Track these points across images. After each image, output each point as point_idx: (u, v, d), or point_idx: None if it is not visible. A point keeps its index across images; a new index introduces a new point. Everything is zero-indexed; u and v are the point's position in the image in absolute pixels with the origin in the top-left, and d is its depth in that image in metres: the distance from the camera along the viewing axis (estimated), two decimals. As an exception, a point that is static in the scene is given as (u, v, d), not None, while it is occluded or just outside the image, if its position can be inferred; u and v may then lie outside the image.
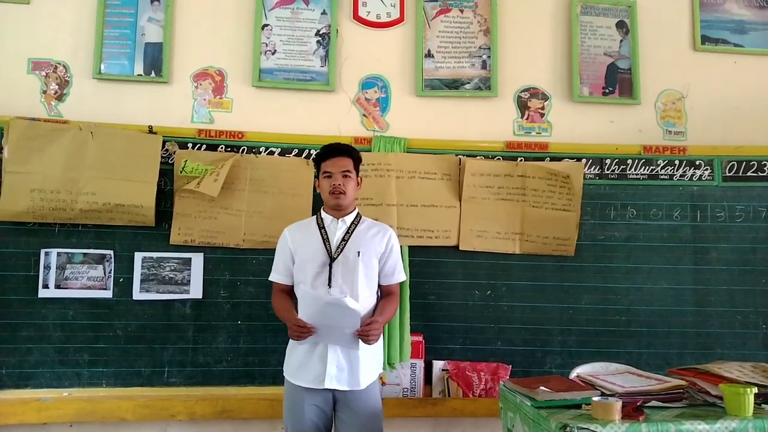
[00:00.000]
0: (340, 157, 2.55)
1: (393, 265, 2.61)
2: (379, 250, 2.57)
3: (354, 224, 2.58)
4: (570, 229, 3.32)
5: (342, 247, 2.51)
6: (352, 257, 2.49)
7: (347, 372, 2.44)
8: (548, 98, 3.54)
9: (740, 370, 2.21)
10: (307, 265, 2.52)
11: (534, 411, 2.05)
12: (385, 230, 2.64)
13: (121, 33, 3.32)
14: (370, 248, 2.54)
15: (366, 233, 2.57)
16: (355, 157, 2.60)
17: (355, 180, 2.58)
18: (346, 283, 2.47)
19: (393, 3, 3.51)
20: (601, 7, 3.61)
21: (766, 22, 3.70)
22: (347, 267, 2.48)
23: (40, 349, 3.04)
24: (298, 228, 2.64)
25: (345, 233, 2.54)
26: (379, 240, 2.58)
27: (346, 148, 2.61)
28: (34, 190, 3.00)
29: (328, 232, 2.54)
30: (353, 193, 2.58)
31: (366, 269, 2.51)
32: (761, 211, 3.42)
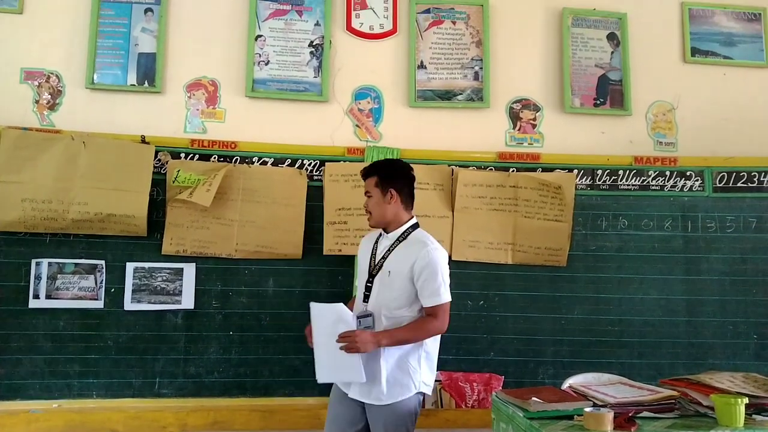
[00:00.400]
0: (364, 179, 2.55)
1: (424, 285, 2.41)
2: (409, 270, 2.43)
3: (399, 241, 2.51)
4: (562, 240, 3.33)
5: (381, 264, 2.49)
6: (386, 276, 2.46)
7: (369, 386, 2.40)
8: (540, 109, 3.56)
9: (731, 380, 2.22)
10: (359, 276, 2.59)
11: (526, 422, 2.04)
12: (418, 251, 2.43)
13: (114, 43, 3.33)
14: (401, 267, 2.44)
15: (402, 252, 2.48)
16: (377, 173, 2.52)
17: (378, 197, 2.49)
18: (380, 301, 2.45)
19: (386, 14, 3.53)
20: (592, 19, 3.64)
21: (754, 34, 3.75)
22: (383, 284, 2.46)
23: (30, 360, 3.02)
24: (367, 238, 2.66)
25: (386, 250, 2.51)
26: (410, 261, 2.42)
27: (367, 168, 2.57)
28: (26, 199, 2.98)
29: (378, 247, 2.55)
30: (378, 211, 2.50)
31: (395, 289, 2.43)
32: (751, 222, 3.44)
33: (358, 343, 2.29)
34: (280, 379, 3.14)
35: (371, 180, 2.52)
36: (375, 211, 2.51)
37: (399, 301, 2.44)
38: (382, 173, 2.52)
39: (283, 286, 3.21)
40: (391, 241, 2.51)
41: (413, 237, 2.51)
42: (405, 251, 2.47)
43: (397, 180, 2.52)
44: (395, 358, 2.40)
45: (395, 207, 2.50)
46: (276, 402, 3.07)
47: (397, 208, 2.51)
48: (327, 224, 3.21)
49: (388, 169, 2.56)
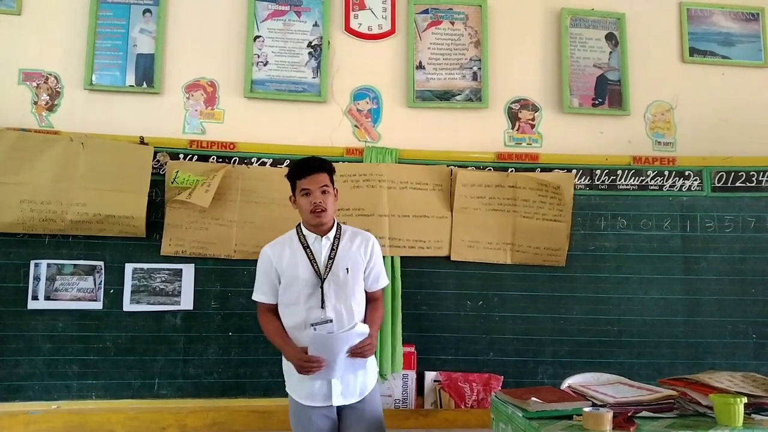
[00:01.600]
0: (315, 173, 2.43)
1: (378, 272, 2.57)
2: (364, 261, 2.52)
3: (337, 239, 2.50)
4: (561, 240, 3.33)
5: (330, 265, 2.44)
6: (342, 275, 2.44)
7: (352, 386, 2.44)
8: (538, 109, 3.57)
9: (730, 380, 2.22)
10: (295, 286, 2.43)
11: (526, 422, 2.04)
12: (367, 239, 2.55)
13: (112, 44, 3.32)
14: (357, 262, 2.49)
15: (350, 247, 2.50)
16: (330, 169, 2.49)
17: (332, 194, 2.47)
18: (340, 301, 2.42)
19: (384, 15, 3.53)
20: (590, 20, 3.65)
21: (752, 34, 3.75)
22: (338, 285, 2.43)
23: (28, 361, 3.01)
24: (280, 247, 2.51)
25: (330, 250, 2.47)
26: (363, 251, 2.52)
27: (320, 163, 2.47)
28: (24, 201, 2.98)
29: (314, 251, 2.45)
30: (333, 208, 2.48)
31: (356, 284, 2.48)
32: (750, 221, 3.45)
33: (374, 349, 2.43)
34: (279, 379, 3.07)
35: (326, 176, 2.45)
36: (330, 209, 2.45)
37: (359, 297, 2.49)
38: (332, 170, 2.51)
39: (282, 286, 3.20)
40: (330, 241, 2.48)
41: (348, 231, 2.55)
42: (352, 245, 2.50)
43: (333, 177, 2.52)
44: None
45: (336, 205, 2.53)
46: (275, 403, 3.06)
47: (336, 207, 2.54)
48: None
49: (333, 167, 2.52)
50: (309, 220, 2.45)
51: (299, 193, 2.45)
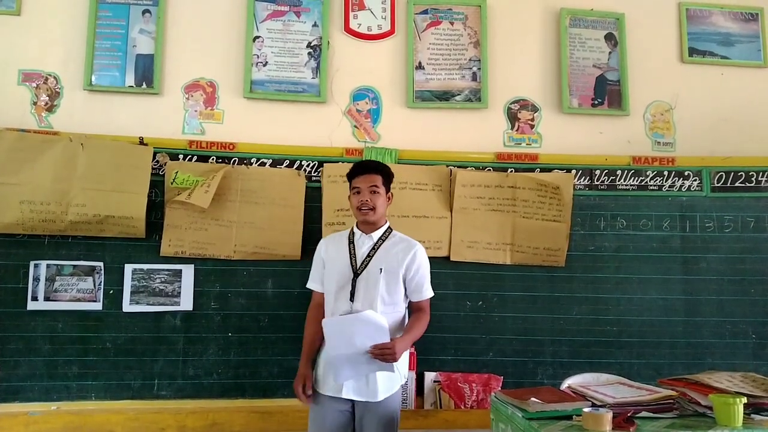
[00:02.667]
0: (368, 174, 2.60)
1: (420, 281, 2.60)
2: (404, 266, 2.56)
3: (382, 240, 2.60)
4: (560, 240, 3.33)
5: (366, 262, 2.55)
6: (375, 273, 2.52)
7: (365, 384, 2.47)
8: (538, 110, 3.57)
9: (730, 380, 2.22)
10: (333, 277, 2.58)
11: (525, 422, 2.04)
12: (411, 246, 2.61)
13: (112, 44, 3.32)
14: (393, 264, 2.54)
15: (391, 249, 2.58)
16: (385, 172, 2.63)
17: (384, 195, 2.60)
18: (367, 299, 2.49)
19: (384, 15, 3.53)
20: (589, 20, 3.65)
21: (751, 34, 3.76)
22: (369, 283, 2.51)
23: (28, 362, 3.01)
24: (332, 240, 2.72)
25: (371, 249, 2.58)
26: (403, 256, 2.56)
27: (374, 165, 2.67)
28: (24, 201, 2.98)
29: (356, 247, 2.59)
30: (383, 208, 2.60)
31: (388, 285, 2.52)
32: (750, 222, 3.45)
33: (397, 354, 2.37)
34: (278, 380, 3.13)
35: (379, 177, 2.61)
36: (380, 207, 2.59)
37: (393, 297, 2.53)
38: (387, 174, 2.65)
39: (282, 287, 3.20)
40: (374, 240, 2.60)
41: (395, 236, 2.65)
42: (393, 250, 2.58)
43: (391, 183, 2.67)
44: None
45: (387, 209, 2.66)
46: (275, 403, 3.07)
47: (387, 211, 2.66)
48: (325, 225, 3.21)
49: (390, 171, 2.68)
50: (356, 216, 2.63)
51: (352, 192, 2.63)
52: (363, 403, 2.48)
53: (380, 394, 2.47)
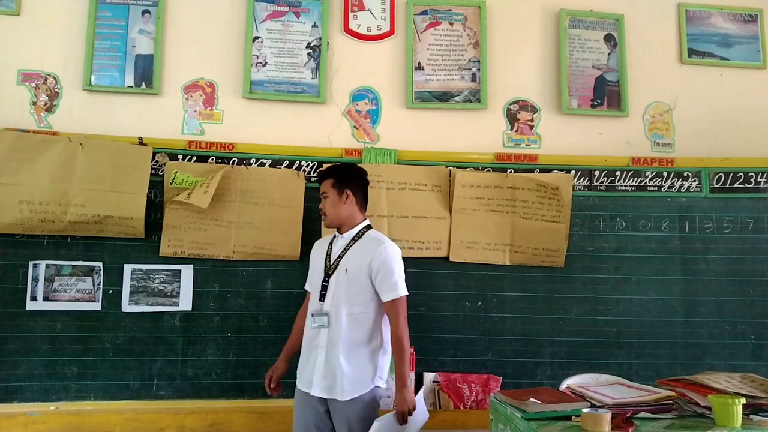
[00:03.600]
0: (319, 182, 2.70)
1: (383, 280, 2.53)
2: (368, 265, 2.54)
3: (354, 240, 2.62)
4: (559, 241, 3.33)
5: (337, 263, 2.59)
6: (343, 274, 2.56)
7: (331, 382, 2.49)
8: (537, 110, 3.57)
9: (729, 380, 2.22)
10: (312, 278, 2.72)
11: (524, 423, 2.04)
12: (376, 247, 2.56)
13: (111, 45, 3.32)
14: (358, 264, 2.55)
15: (360, 249, 2.59)
16: (333, 174, 2.67)
17: (334, 197, 2.62)
18: (335, 299, 2.55)
19: (383, 16, 3.53)
20: (589, 21, 3.65)
21: (751, 35, 3.76)
22: (338, 284, 2.56)
23: (27, 362, 3.01)
24: (320, 242, 2.81)
25: (342, 250, 2.61)
26: (367, 258, 2.54)
27: (323, 171, 2.73)
28: (23, 201, 2.98)
29: (332, 248, 2.66)
30: (334, 211, 2.63)
31: (351, 285, 2.54)
32: (749, 222, 3.45)
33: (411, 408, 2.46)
34: (278, 380, 3.13)
35: (327, 182, 2.65)
36: (330, 211, 2.64)
37: (358, 298, 2.54)
38: (338, 175, 2.67)
39: (281, 287, 3.20)
40: (346, 241, 2.63)
41: (367, 236, 2.64)
42: (361, 250, 2.59)
43: (352, 182, 2.66)
44: (354, 354, 2.50)
45: (350, 207, 2.64)
46: (274, 404, 3.06)
47: (352, 209, 2.65)
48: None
49: (344, 171, 2.71)
50: None
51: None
52: (332, 401, 2.50)
53: (347, 393, 2.47)
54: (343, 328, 2.50)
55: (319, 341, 2.54)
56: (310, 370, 2.55)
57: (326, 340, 2.52)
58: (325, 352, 2.51)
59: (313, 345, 2.57)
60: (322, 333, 2.54)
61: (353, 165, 2.83)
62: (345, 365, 2.47)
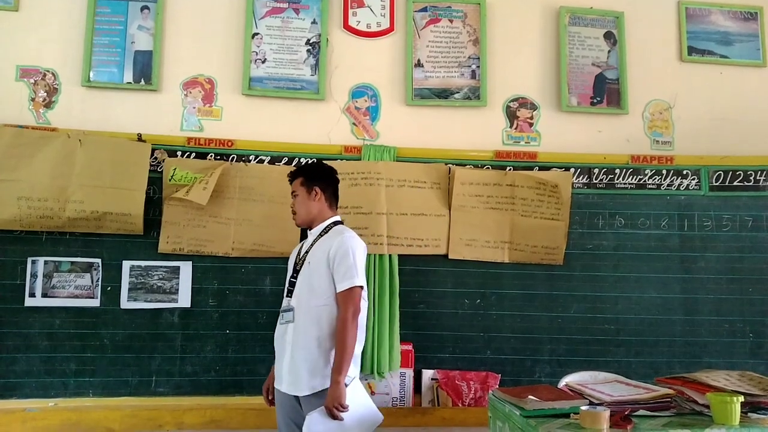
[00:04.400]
0: (291, 181, 2.69)
1: (337, 270, 2.48)
2: (327, 257, 2.51)
3: (320, 235, 2.61)
4: (558, 238, 3.33)
5: (303, 258, 2.60)
6: (306, 269, 2.56)
7: (295, 377, 2.48)
8: (537, 108, 3.56)
9: (727, 378, 2.22)
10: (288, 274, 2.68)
11: (523, 420, 2.04)
12: (334, 237, 2.55)
13: (110, 41, 3.32)
14: (319, 258, 2.53)
15: (322, 244, 2.57)
16: (302, 173, 2.67)
17: (303, 196, 2.63)
18: (301, 293, 2.54)
19: (383, 13, 3.53)
20: (589, 18, 3.64)
21: (750, 33, 3.75)
22: (304, 278, 2.56)
23: (26, 358, 3.01)
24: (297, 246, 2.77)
25: (309, 245, 2.62)
26: (327, 249, 2.52)
27: (292, 172, 2.71)
28: (22, 197, 2.97)
29: (303, 245, 2.68)
30: (303, 208, 2.64)
31: (312, 278, 2.52)
32: (748, 221, 3.45)
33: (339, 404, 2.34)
34: (276, 377, 3.13)
35: (297, 181, 2.66)
36: (300, 209, 2.65)
37: (318, 291, 2.51)
38: (307, 173, 2.68)
39: (280, 284, 3.15)
40: (314, 236, 2.63)
41: (333, 230, 2.63)
42: (324, 242, 2.58)
43: (321, 180, 2.67)
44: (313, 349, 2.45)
45: (319, 204, 2.64)
46: (273, 400, 3.06)
47: (321, 206, 2.65)
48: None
49: (313, 169, 2.73)
50: None
51: None
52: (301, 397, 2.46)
53: (310, 388, 2.43)
54: (305, 323, 2.48)
55: (286, 338, 2.53)
56: (279, 366, 2.55)
57: (291, 335, 2.50)
58: (291, 348, 2.49)
59: (282, 342, 2.55)
60: (289, 329, 2.52)
61: (322, 163, 2.81)
62: (305, 360, 2.45)
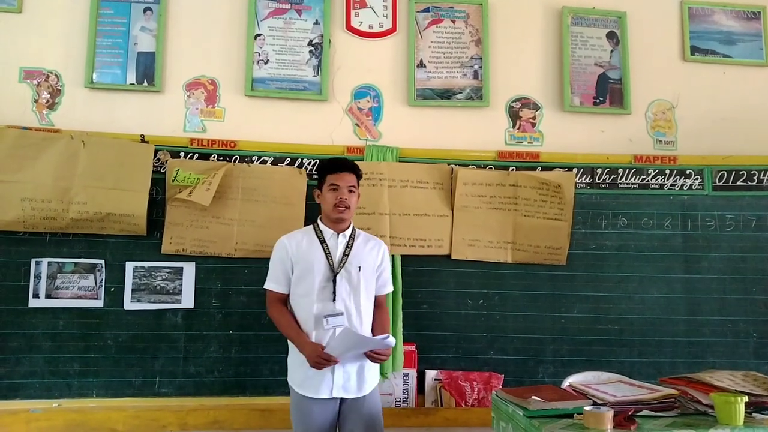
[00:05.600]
0: (347, 172, 2.58)
1: (386, 277, 2.70)
2: (376, 264, 2.64)
3: (352, 238, 2.61)
4: (561, 239, 3.33)
5: (344, 262, 2.54)
6: (354, 272, 2.54)
7: (353, 380, 2.49)
8: (539, 108, 3.56)
9: (731, 378, 2.22)
10: (309, 278, 2.51)
11: (526, 421, 2.04)
12: (380, 244, 2.69)
13: (113, 42, 3.32)
14: (369, 262, 2.60)
15: (364, 247, 2.62)
16: (359, 173, 2.65)
17: (357, 196, 2.63)
18: (350, 298, 2.52)
19: (385, 13, 3.53)
20: (591, 18, 3.64)
21: (753, 33, 3.75)
22: (350, 282, 2.53)
23: (29, 359, 3.02)
24: (298, 239, 2.59)
25: (345, 248, 2.58)
26: (375, 254, 2.64)
27: (352, 165, 2.63)
28: (25, 199, 2.98)
29: (330, 246, 2.55)
30: (353, 207, 2.61)
31: (366, 283, 2.57)
32: (751, 220, 3.45)
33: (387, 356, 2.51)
34: (280, 378, 3.12)
35: (355, 177, 2.62)
36: (353, 207, 2.60)
37: (367, 294, 2.57)
38: (359, 174, 2.66)
39: (283, 285, 3.20)
40: (347, 239, 2.60)
41: (363, 235, 2.68)
42: (366, 248, 2.62)
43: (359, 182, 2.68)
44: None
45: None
46: (276, 401, 3.07)
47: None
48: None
49: (361, 173, 2.69)
50: (331, 213, 2.56)
51: (327, 187, 2.57)
52: (350, 400, 2.49)
53: (368, 387, 2.52)
54: (362, 325, 2.52)
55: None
56: (326, 375, 2.44)
57: None
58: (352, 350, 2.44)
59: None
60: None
61: None
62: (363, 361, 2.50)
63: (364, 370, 2.51)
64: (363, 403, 2.50)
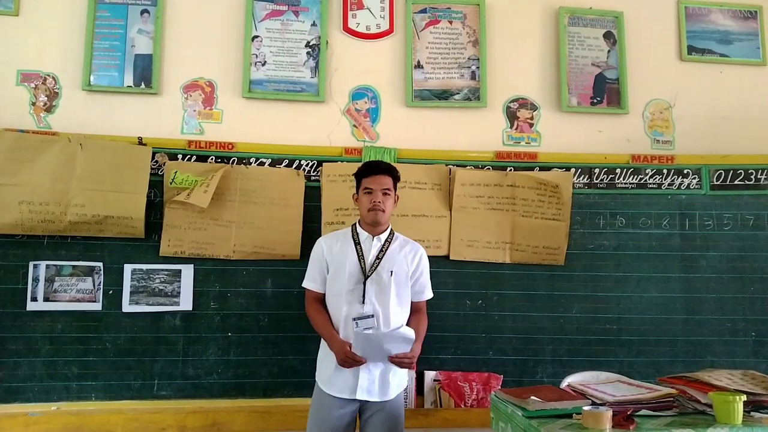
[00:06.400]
0: (381, 174, 2.61)
1: (423, 283, 2.70)
2: (411, 269, 2.64)
3: (388, 242, 2.63)
4: (560, 239, 3.33)
5: (376, 265, 2.56)
6: (386, 276, 2.55)
7: (378, 384, 2.51)
8: (537, 108, 3.57)
9: (730, 377, 2.22)
10: (341, 278, 2.56)
11: (525, 421, 2.04)
12: (417, 249, 2.69)
13: (110, 44, 3.32)
14: (402, 267, 2.60)
15: (399, 252, 2.62)
16: (395, 176, 2.66)
17: (393, 198, 2.63)
18: (379, 301, 2.53)
19: (382, 14, 3.53)
20: (588, 18, 3.65)
21: (750, 32, 3.76)
22: (380, 285, 2.54)
23: (28, 362, 3.01)
24: (334, 239, 2.68)
25: (379, 251, 2.59)
26: (411, 259, 2.65)
27: (388, 167, 2.66)
28: (23, 202, 2.98)
29: (363, 249, 2.59)
30: (390, 210, 2.63)
31: (398, 288, 2.57)
32: (749, 219, 3.45)
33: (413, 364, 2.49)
34: (278, 380, 3.13)
35: (391, 180, 2.63)
36: (388, 209, 2.61)
37: (401, 300, 2.57)
38: (397, 177, 2.67)
39: (282, 286, 3.20)
40: (382, 242, 2.61)
41: (400, 239, 2.68)
42: (401, 252, 2.62)
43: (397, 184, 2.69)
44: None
45: (393, 209, 2.67)
46: (275, 403, 3.07)
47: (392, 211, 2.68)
48: (325, 225, 3.21)
49: (398, 175, 2.69)
50: (366, 217, 2.61)
51: (362, 191, 2.63)
52: (373, 403, 2.51)
53: (392, 393, 2.53)
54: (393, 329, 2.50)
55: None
56: (351, 375, 2.48)
57: None
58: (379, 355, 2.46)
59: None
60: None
61: None
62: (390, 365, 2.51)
63: (389, 374, 2.52)
64: (385, 407, 2.52)
